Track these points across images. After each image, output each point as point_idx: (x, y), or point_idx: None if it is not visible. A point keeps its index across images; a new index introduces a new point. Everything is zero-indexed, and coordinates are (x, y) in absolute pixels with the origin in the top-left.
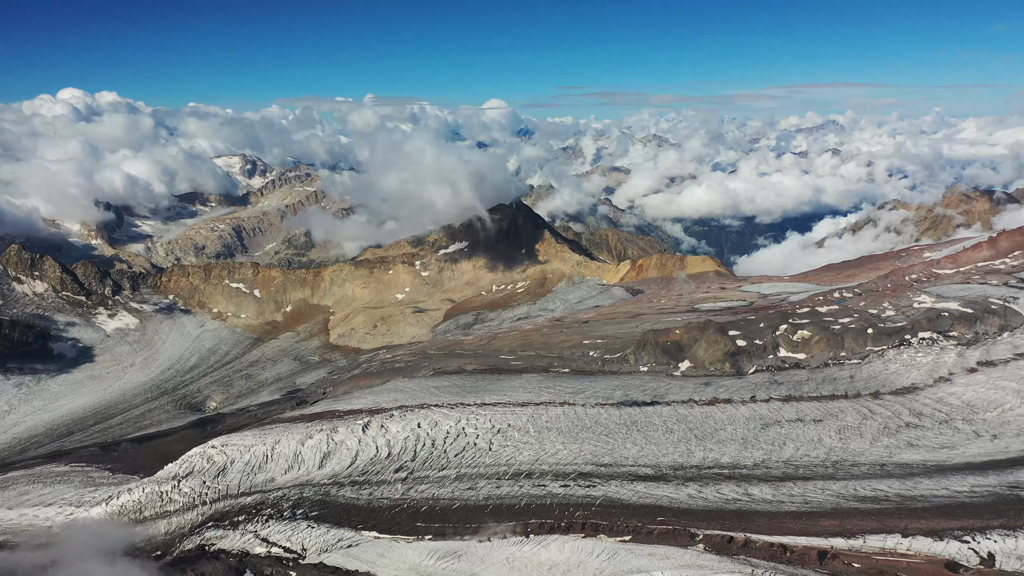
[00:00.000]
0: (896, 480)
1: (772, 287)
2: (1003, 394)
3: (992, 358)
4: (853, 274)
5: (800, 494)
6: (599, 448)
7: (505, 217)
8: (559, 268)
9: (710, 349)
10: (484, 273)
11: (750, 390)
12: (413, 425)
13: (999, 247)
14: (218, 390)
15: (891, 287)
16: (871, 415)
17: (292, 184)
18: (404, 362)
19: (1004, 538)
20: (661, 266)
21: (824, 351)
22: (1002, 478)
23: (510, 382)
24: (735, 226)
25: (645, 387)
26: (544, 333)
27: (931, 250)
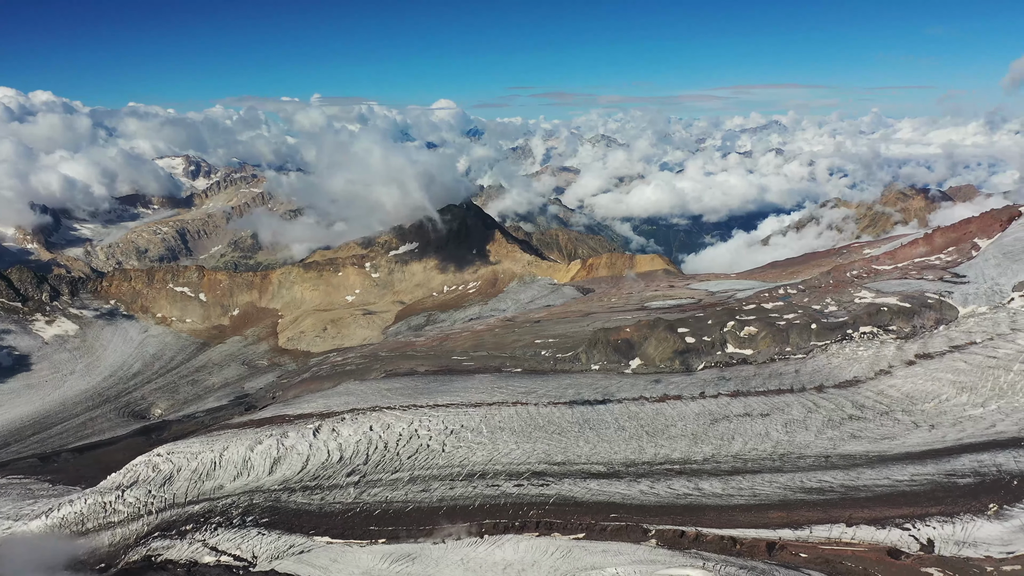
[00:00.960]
0: (840, 471)
1: (719, 284)
2: (940, 385)
3: (929, 351)
4: (797, 271)
5: (749, 487)
6: (552, 447)
7: (455, 218)
8: (510, 268)
9: (660, 346)
10: (435, 274)
11: (699, 386)
12: (365, 428)
13: (934, 243)
14: (163, 397)
15: (833, 283)
16: (816, 408)
17: (238, 185)
18: (355, 365)
19: (942, 524)
20: (611, 265)
21: (770, 347)
22: (940, 466)
23: (463, 383)
24: (683, 225)
25: (597, 385)
26: (496, 333)
27: (871, 247)
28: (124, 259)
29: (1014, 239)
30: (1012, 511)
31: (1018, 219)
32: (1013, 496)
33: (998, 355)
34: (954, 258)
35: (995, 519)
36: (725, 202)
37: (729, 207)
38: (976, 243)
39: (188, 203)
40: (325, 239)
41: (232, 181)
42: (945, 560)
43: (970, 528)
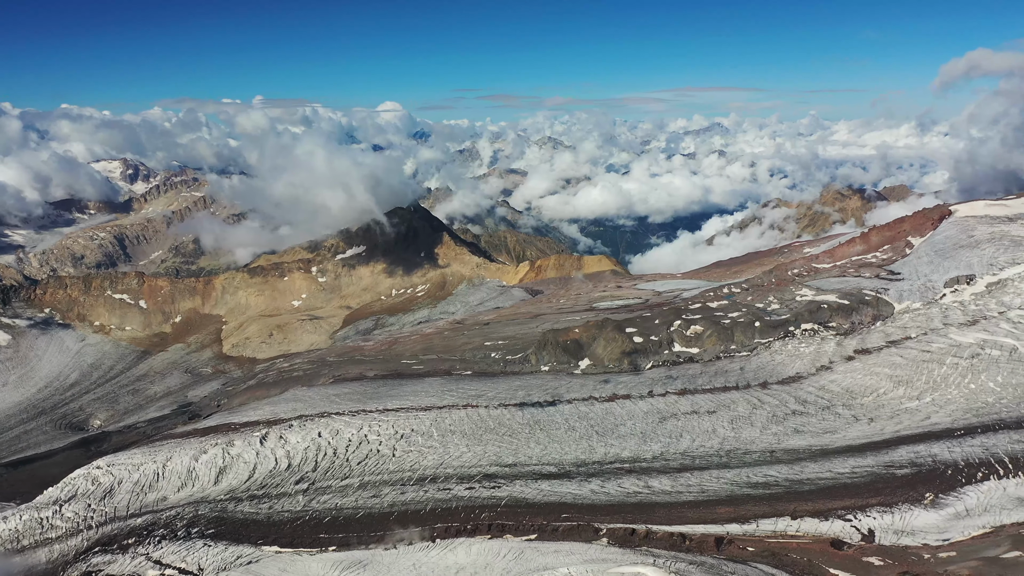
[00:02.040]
0: (785, 465)
1: (666, 284)
2: (878, 379)
3: (867, 346)
4: (740, 270)
5: (697, 484)
6: (503, 449)
7: (403, 220)
8: (459, 271)
9: (608, 346)
10: (383, 278)
11: (647, 385)
12: (313, 435)
13: (870, 242)
14: (102, 408)
15: (775, 282)
16: (760, 404)
17: (178, 189)
18: (302, 370)
19: (882, 514)
20: (559, 266)
21: (716, 345)
22: (879, 458)
23: (412, 387)
24: (629, 226)
25: (547, 386)
26: (445, 336)
27: (810, 246)
28: (59, 266)
29: (944, 237)
30: (947, 500)
31: (948, 218)
32: (947, 485)
33: (931, 349)
34: (889, 256)
35: (931, 508)
36: (670, 203)
37: (674, 208)
38: (910, 241)
39: (126, 208)
40: (270, 243)
41: (172, 185)
42: (885, 549)
43: (908, 517)
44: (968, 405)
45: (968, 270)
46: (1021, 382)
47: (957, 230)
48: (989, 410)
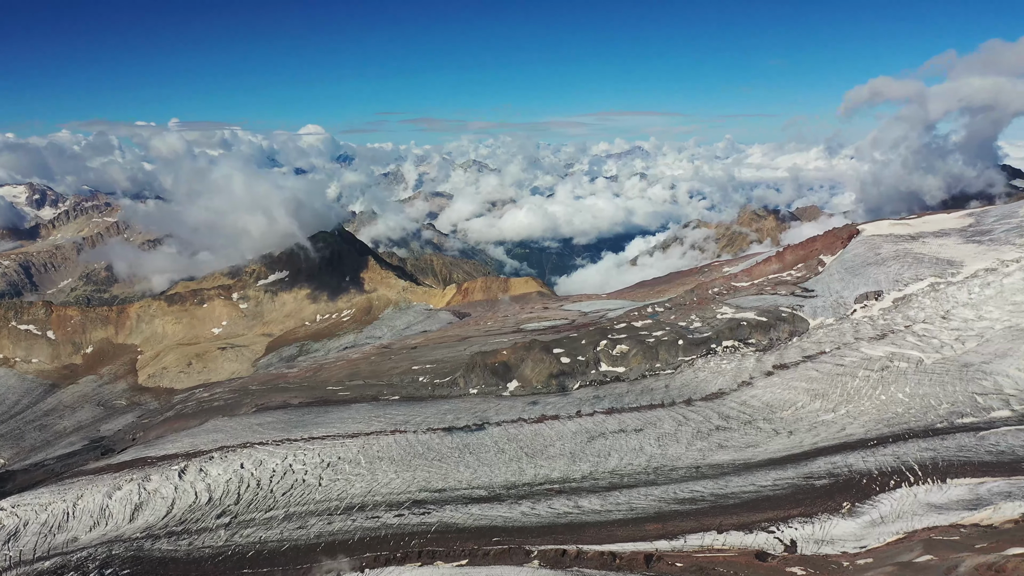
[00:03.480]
0: (710, 480)
1: (591, 305)
2: (795, 393)
3: (785, 361)
4: (663, 289)
5: (626, 502)
6: (432, 474)
7: (327, 245)
8: (385, 295)
9: (536, 368)
10: (307, 303)
11: (575, 405)
12: (236, 466)
13: (785, 260)
14: (6, 445)
15: (697, 300)
16: (685, 421)
17: (89, 215)
18: (224, 400)
19: (803, 525)
20: (486, 289)
21: (641, 363)
22: (799, 470)
23: (339, 413)
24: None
25: (475, 409)
26: (372, 361)
27: (729, 265)
28: None
29: (854, 255)
30: (863, 507)
31: (856, 237)
32: (863, 494)
33: (845, 363)
34: (803, 274)
35: (848, 516)
36: (594, 224)
37: (598, 229)
38: (822, 259)
39: (33, 234)
40: (188, 269)
41: (83, 210)
42: (807, 559)
43: (827, 526)
44: (880, 416)
45: (876, 286)
46: (927, 392)
47: (865, 248)
48: (899, 420)
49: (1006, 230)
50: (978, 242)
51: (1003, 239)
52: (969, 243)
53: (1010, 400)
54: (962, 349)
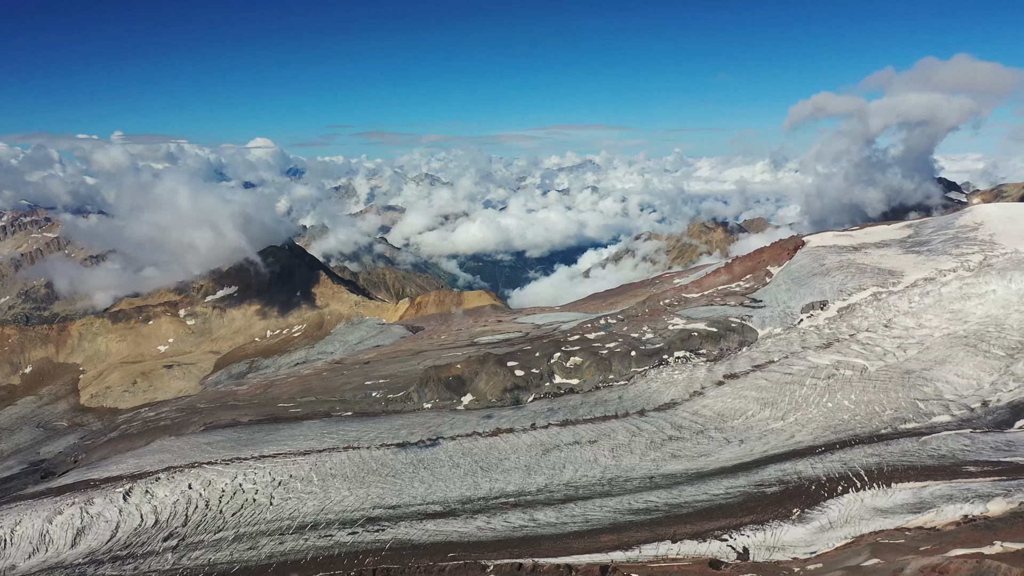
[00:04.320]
0: (664, 490)
1: (545, 317)
2: (746, 402)
3: (735, 371)
4: (615, 301)
5: (581, 514)
6: (386, 490)
7: (278, 260)
8: (337, 309)
9: (491, 381)
10: (257, 319)
11: (530, 418)
12: (183, 487)
13: (734, 271)
14: None
15: (648, 312)
16: (639, 432)
17: (28, 230)
18: (170, 419)
19: (755, 532)
20: (439, 302)
21: (595, 375)
22: (750, 478)
23: (290, 431)
24: (508, 261)
25: (430, 423)
26: (324, 377)
27: (680, 276)
28: None
29: (799, 266)
30: (812, 513)
31: (802, 248)
32: (812, 500)
33: (792, 372)
34: (751, 285)
35: (799, 523)
36: (547, 237)
37: (551, 242)
38: (769, 270)
39: None
40: (133, 286)
41: (21, 225)
42: (759, 565)
43: (778, 533)
44: (827, 423)
45: (821, 296)
46: (871, 399)
47: (810, 259)
48: (845, 426)
49: (943, 241)
50: (917, 252)
51: (940, 249)
52: (908, 253)
53: (949, 405)
54: (904, 356)
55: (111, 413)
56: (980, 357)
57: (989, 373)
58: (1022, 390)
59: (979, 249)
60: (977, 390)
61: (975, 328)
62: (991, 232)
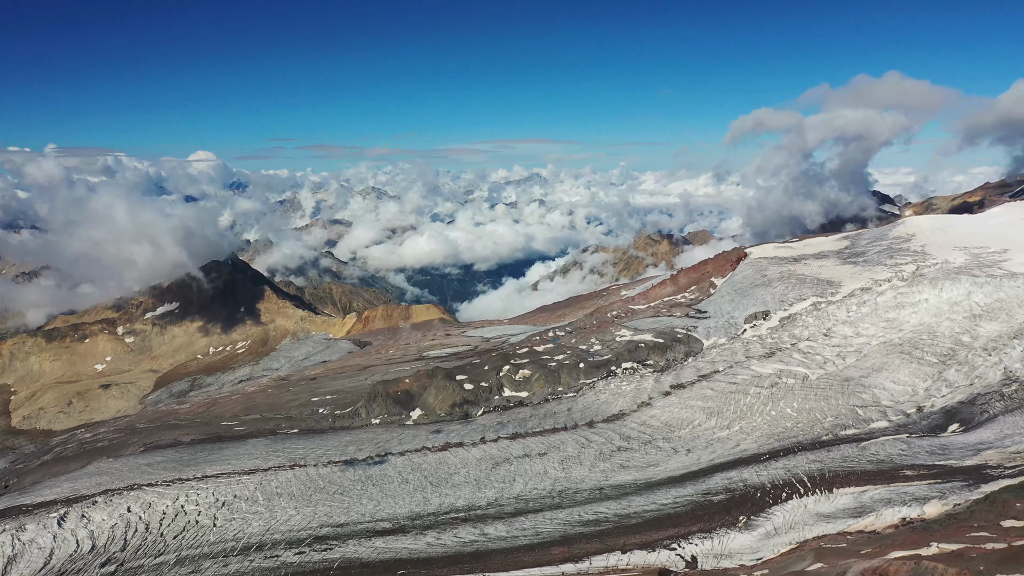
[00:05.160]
0: (613, 501)
1: (493, 331)
2: (692, 412)
3: (681, 381)
4: (564, 314)
5: (531, 527)
6: (334, 508)
7: (221, 275)
8: (282, 325)
9: (440, 395)
10: (199, 336)
11: (480, 432)
12: (122, 510)
13: (679, 283)
14: None
15: (596, 324)
16: (588, 443)
17: None
18: (108, 440)
19: (703, 540)
20: (387, 317)
21: (544, 388)
22: (697, 487)
23: (234, 449)
24: (456, 274)
25: (378, 439)
26: (269, 394)
27: (626, 288)
28: None
29: (742, 277)
30: (758, 520)
31: (744, 260)
32: (757, 507)
33: (737, 381)
34: (696, 296)
35: (745, 529)
36: (495, 251)
37: (499, 255)
38: (713, 282)
39: None
40: (68, 303)
41: None
42: (707, 573)
43: (725, 540)
44: (771, 431)
45: (764, 306)
46: (813, 407)
47: (752, 270)
48: (788, 434)
49: (878, 252)
50: (854, 263)
51: (876, 260)
52: (846, 264)
53: (887, 411)
54: (843, 364)
55: (45, 435)
56: (914, 364)
57: (923, 379)
58: (954, 395)
59: (912, 260)
60: (912, 396)
61: (909, 336)
62: (923, 243)
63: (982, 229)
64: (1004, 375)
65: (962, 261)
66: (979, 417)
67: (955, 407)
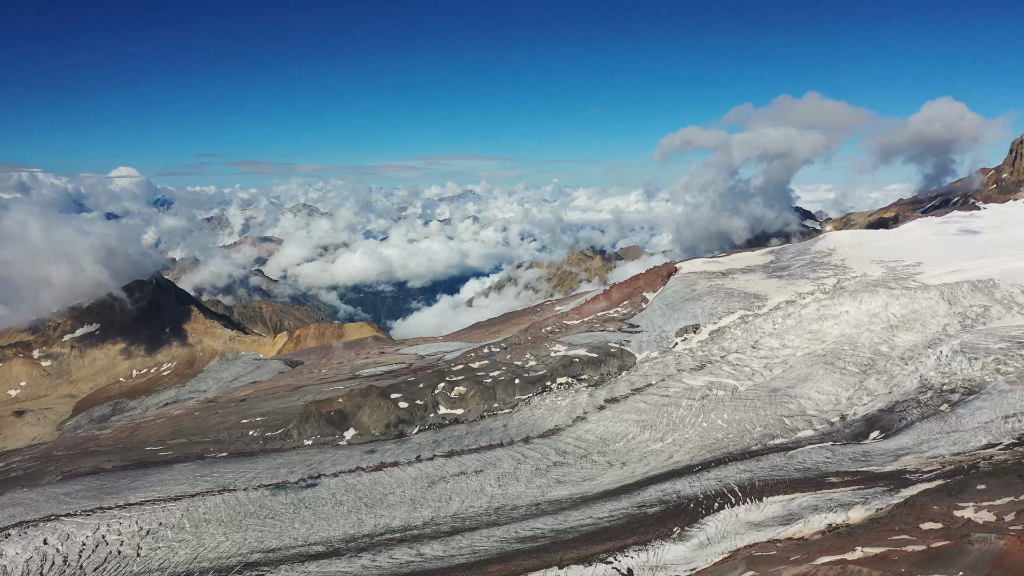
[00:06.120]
0: (550, 516)
1: (428, 348)
2: (626, 426)
3: (616, 395)
4: (499, 330)
5: (468, 545)
6: (265, 533)
7: (144, 294)
8: (210, 345)
9: (374, 414)
10: (121, 359)
11: (415, 450)
12: (38, 543)
13: (612, 298)
14: None
15: (531, 339)
16: (524, 459)
17: None
18: (23, 469)
19: (638, 553)
20: (319, 335)
21: (479, 404)
22: (632, 500)
23: (159, 475)
24: (389, 291)
25: (311, 461)
26: (196, 416)
27: (560, 304)
28: None
29: (673, 291)
30: (691, 531)
31: (675, 274)
32: (691, 518)
33: (669, 393)
34: (629, 310)
35: (679, 540)
36: (429, 267)
37: (433, 272)
38: (645, 296)
39: None
40: None
41: None
42: None
43: (660, 552)
44: (702, 442)
45: (694, 320)
46: (742, 418)
47: (683, 285)
48: (719, 445)
49: (801, 266)
50: (779, 277)
51: (799, 274)
52: (771, 278)
53: (812, 420)
54: (770, 375)
55: None
56: (837, 374)
57: (845, 389)
58: (875, 404)
59: (833, 273)
60: (836, 405)
61: (832, 347)
62: (843, 257)
63: (897, 243)
64: (920, 383)
65: (879, 274)
66: (898, 424)
67: (876, 415)
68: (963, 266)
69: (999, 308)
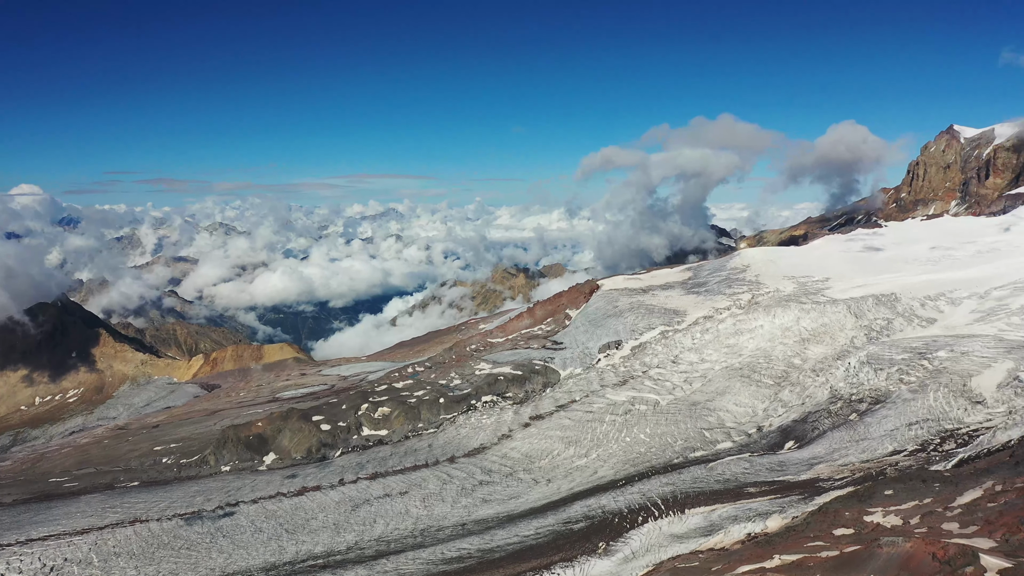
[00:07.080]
0: (476, 536)
1: (351, 368)
2: (551, 442)
3: (540, 412)
4: (423, 349)
5: (393, 568)
6: (180, 565)
7: (48, 317)
8: (120, 370)
9: (295, 438)
10: (22, 386)
11: (338, 473)
12: None
13: (536, 315)
14: None
15: (456, 358)
16: (450, 479)
17: None
18: None
19: (564, 569)
20: (237, 357)
21: (404, 424)
22: (558, 516)
23: (64, 508)
24: (311, 311)
25: (229, 487)
26: (106, 445)
27: (485, 322)
28: None
29: (595, 308)
30: (616, 545)
31: (597, 291)
32: (616, 532)
33: (593, 409)
34: (552, 328)
35: (604, 556)
36: (352, 287)
37: (356, 291)
38: (568, 314)
39: None
40: None
41: None
42: None
43: (586, 568)
44: (626, 456)
45: (616, 336)
46: (664, 431)
47: (605, 302)
48: (642, 459)
49: (718, 282)
50: (697, 293)
51: (716, 290)
52: (690, 294)
53: (731, 432)
54: (690, 389)
55: None
56: (754, 387)
57: (761, 401)
58: (789, 415)
59: (748, 289)
60: (752, 417)
61: (748, 360)
62: (757, 273)
63: (807, 260)
64: (831, 394)
65: (791, 290)
66: (811, 434)
67: (790, 425)
68: (868, 281)
69: (901, 321)
